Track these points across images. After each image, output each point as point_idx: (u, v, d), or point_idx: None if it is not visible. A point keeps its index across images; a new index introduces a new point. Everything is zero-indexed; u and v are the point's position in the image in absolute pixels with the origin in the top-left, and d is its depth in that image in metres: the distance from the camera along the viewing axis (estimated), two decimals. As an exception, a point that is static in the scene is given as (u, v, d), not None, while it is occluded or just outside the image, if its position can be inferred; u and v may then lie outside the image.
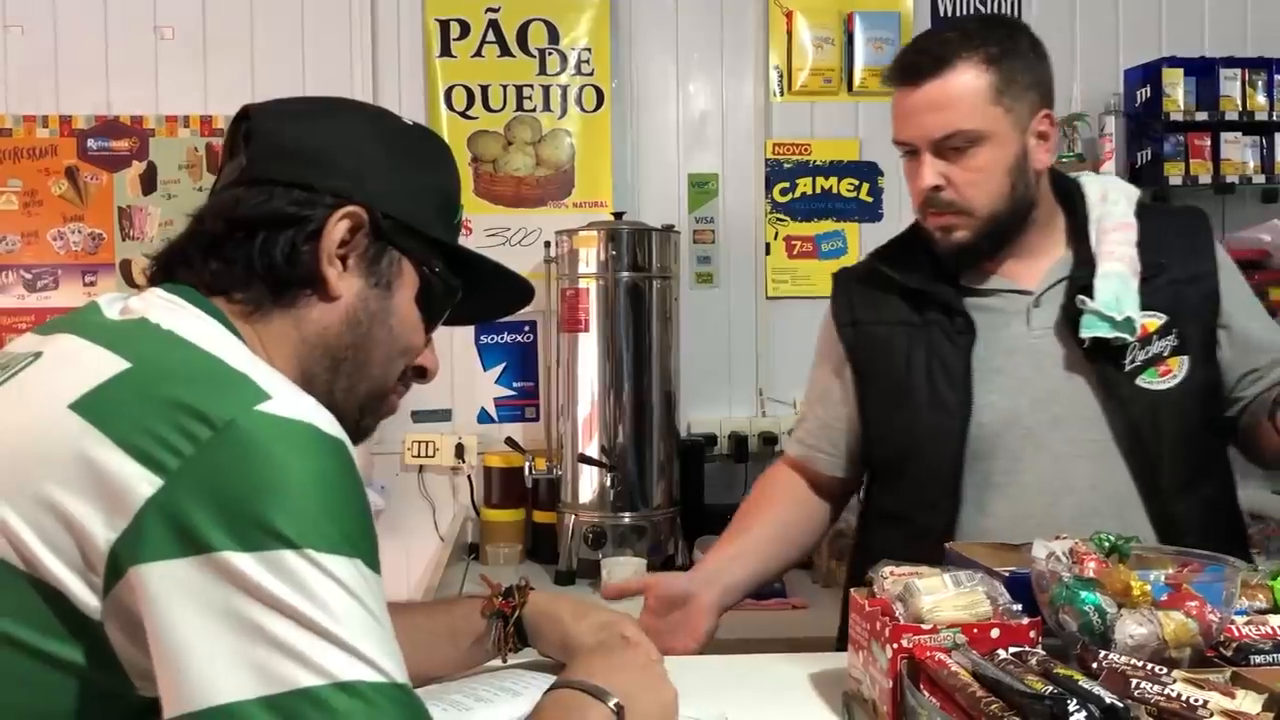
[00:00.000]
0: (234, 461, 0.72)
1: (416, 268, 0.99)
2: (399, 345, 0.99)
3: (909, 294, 1.58)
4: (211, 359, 0.81)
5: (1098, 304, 1.46)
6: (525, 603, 1.19)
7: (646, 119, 3.33)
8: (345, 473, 0.77)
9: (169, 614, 0.70)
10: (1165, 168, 3.14)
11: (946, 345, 1.53)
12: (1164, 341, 1.49)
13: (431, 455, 3.22)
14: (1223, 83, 3.16)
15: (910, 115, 1.48)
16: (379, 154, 0.97)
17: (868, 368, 1.62)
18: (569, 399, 2.86)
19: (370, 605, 0.74)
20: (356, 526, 0.76)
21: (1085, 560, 1.10)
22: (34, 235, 3.15)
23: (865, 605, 1.09)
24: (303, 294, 0.92)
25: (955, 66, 1.44)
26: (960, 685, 0.94)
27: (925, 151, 1.47)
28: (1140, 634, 1.01)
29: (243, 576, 0.70)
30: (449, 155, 1.07)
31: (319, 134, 0.97)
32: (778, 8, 3.30)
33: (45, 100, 3.15)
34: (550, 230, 3.09)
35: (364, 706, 0.70)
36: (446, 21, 3.22)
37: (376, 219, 0.94)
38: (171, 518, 0.70)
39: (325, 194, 0.93)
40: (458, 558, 2.98)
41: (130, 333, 0.85)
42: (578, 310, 2.83)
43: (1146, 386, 1.48)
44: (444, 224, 1.02)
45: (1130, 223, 1.54)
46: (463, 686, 1.14)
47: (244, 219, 0.92)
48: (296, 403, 0.78)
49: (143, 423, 0.73)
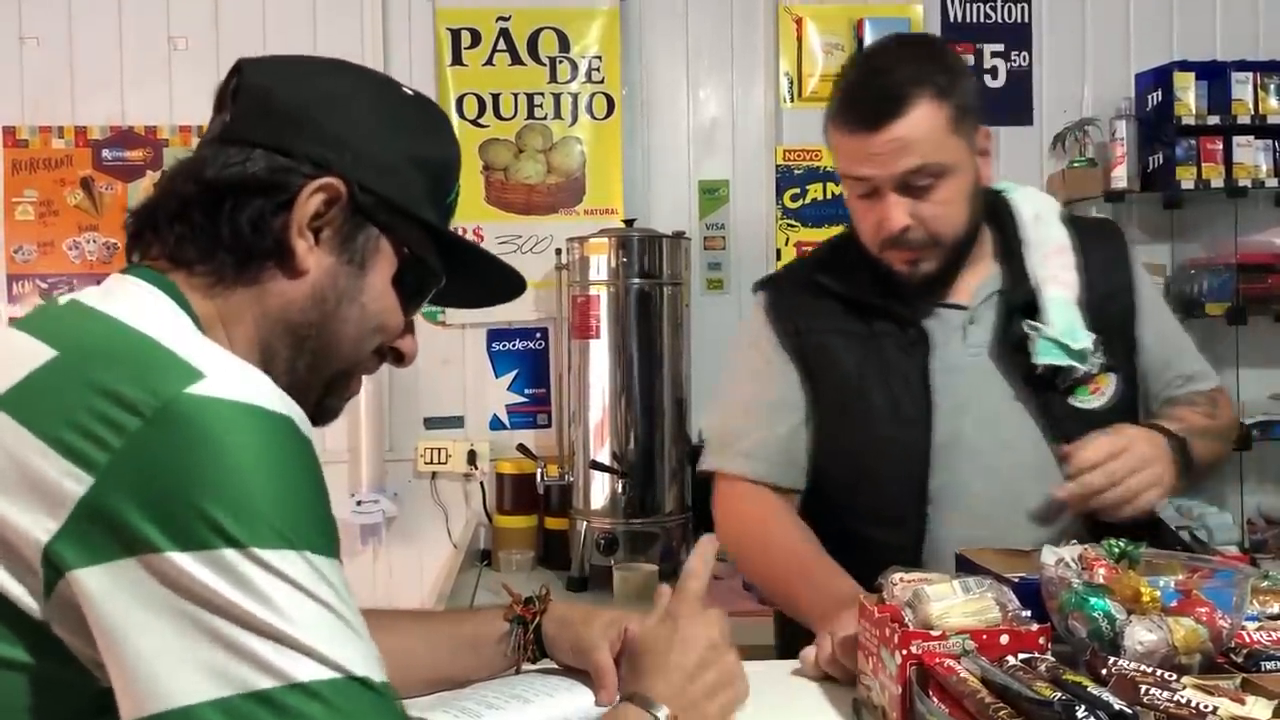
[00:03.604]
0: (166, 452, 0.68)
1: (396, 248, 0.93)
2: (371, 325, 0.93)
3: (850, 304, 1.54)
4: (142, 340, 0.75)
5: (1055, 332, 1.44)
6: (545, 610, 1.19)
7: (657, 126, 3.34)
8: (290, 455, 0.73)
9: (114, 618, 0.67)
10: (1177, 172, 3.13)
11: (902, 358, 1.50)
12: (1093, 360, 1.47)
13: (444, 462, 3.23)
14: (1234, 86, 3.16)
15: (870, 156, 1.41)
16: (369, 122, 0.91)
17: (818, 376, 1.56)
18: (580, 405, 2.87)
19: (324, 597, 0.70)
20: (304, 515, 0.72)
21: (1095, 566, 1.10)
22: (50, 245, 3.18)
23: (875, 611, 1.09)
24: (268, 267, 0.87)
25: (914, 105, 1.38)
26: (969, 691, 0.94)
27: (889, 191, 1.42)
28: (1150, 640, 1.01)
29: (185, 577, 0.67)
30: (447, 129, 0.99)
31: (307, 95, 0.90)
32: (788, 14, 3.30)
33: (61, 111, 3.18)
34: (561, 237, 3.10)
35: (321, 707, 0.68)
36: (458, 30, 3.24)
37: (355, 193, 0.88)
38: (105, 518, 0.67)
39: (304, 161, 0.87)
40: (470, 564, 2.99)
41: (61, 318, 0.80)
42: (589, 317, 2.83)
43: (1080, 406, 1.48)
44: (433, 203, 0.95)
45: (1067, 246, 1.53)
46: (475, 693, 1.15)
47: (213, 182, 0.86)
48: (234, 381, 0.73)
49: (68, 416, 0.69)
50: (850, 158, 1.44)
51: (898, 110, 1.38)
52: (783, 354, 1.57)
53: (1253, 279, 3.19)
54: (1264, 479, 3.43)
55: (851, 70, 1.49)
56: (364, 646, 0.72)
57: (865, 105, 1.41)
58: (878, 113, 1.39)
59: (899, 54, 1.45)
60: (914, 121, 1.38)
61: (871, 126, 1.40)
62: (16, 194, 3.17)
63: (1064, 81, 3.43)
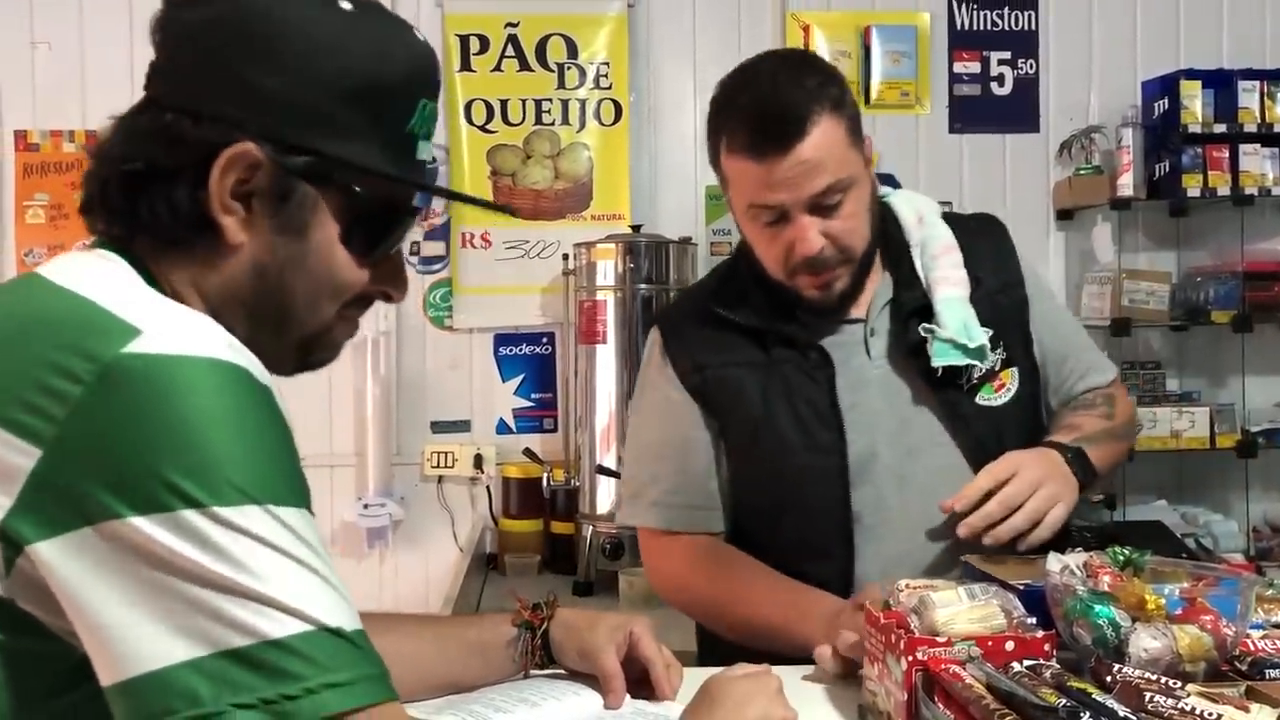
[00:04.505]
0: (111, 416, 0.67)
1: (338, 203, 0.83)
2: (324, 289, 0.85)
3: (748, 332, 1.48)
4: (80, 302, 0.72)
5: (950, 332, 1.42)
6: (553, 616, 1.20)
7: (664, 132, 3.35)
8: (245, 405, 0.70)
9: (79, 588, 0.66)
10: (1183, 179, 3.14)
11: (807, 383, 1.45)
12: (994, 355, 1.45)
13: (450, 466, 3.24)
14: (1241, 94, 3.16)
15: (779, 181, 1.35)
16: (290, 60, 0.80)
17: (722, 413, 1.50)
18: (587, 410, 2.88)
19: (290, 549, 0.69)
20: (264, 466, 0.70)
21: (1099, 574, 1.10)
22: (60, 248, 3.19)
23: (880, 618, 1.10)
24: (199, 244, 0.80)
25: (816, 122, 1.33)
26: (975, 698, 0.94)
27: (800, 214, 1.37)
28: (1155, 648, 1.01)
29: (148, 542, 0.66)
30: (397, 40, 0.85)
31: (224, 34, 0.79)
32: (795, 22, 3.31)
33: (71, 115, 3.20)
34: (568, 243, 3.11)
35: (297, 660, 0.67)
36: (466, 36, 3.25)
37: (277, 153, 0.79)
38: (57, 489, 0.66)
39: (215, 123, 0.78)
40: (476, 568, 2.99)
41: (10, 290, 0.79)
42: (596, 322, 2.84)
43: (986, 404, 1.45)
44: (382, 136, 0.84)
45: (953, 244, 1.49)
46: (482, 696, 1.15)
47: (120, 162, 0.80)
48: (175, 334, 0.70)
49: (13, 391, 0.68)
50: (757, 185, 1.37)
51: (802, 130, 1.33)
52: (684, 393, 1.51)
53: (1259, 287, 3.19)
54: (1269, 486, 3.43)
55: (737, 94, 1.41)
56: (334, 595, 0.71)
57: (768, 129, 1.34)
58: (783, 135, 1.33)
59: (784, 72, 1.39)
60: (818, 140, 1.34)
61: (778, 151, 1.33)
62: (28, 197, 3.19)
63: (1070, 89, 3.44)
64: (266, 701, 0.66)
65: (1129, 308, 3.17)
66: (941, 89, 3.42)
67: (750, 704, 1.02)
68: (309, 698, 0.67)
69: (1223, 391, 3.41)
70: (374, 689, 0.71)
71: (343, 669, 0.69)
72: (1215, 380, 3.43)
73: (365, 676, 0.71)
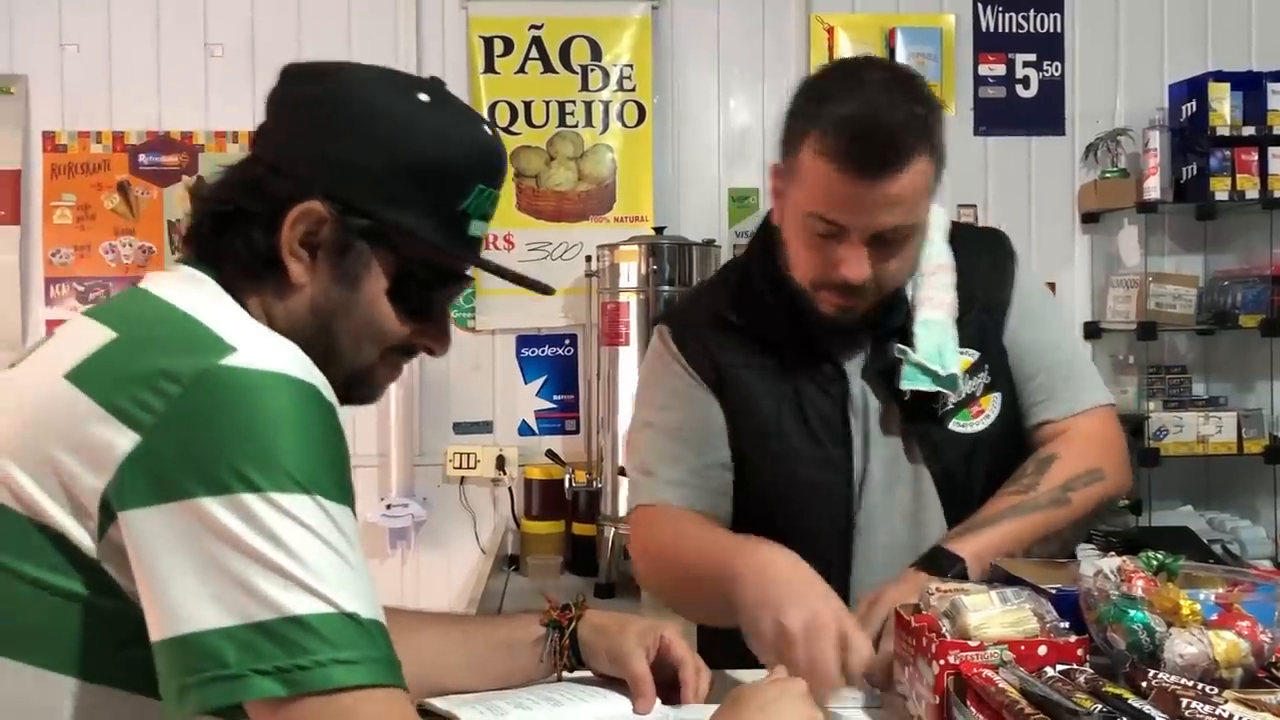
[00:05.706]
0: (200, 413, 0.79)
1: (388, 263, 0.95)
2: (366, 334, 0.97)
3: (758, 338, 1.46)
4: (188, 321, 0.86)
5: (920, 356, 1.38)
6: (581, 616, 1.20)
7: (688, 134, 3.35)
8: (311, 415, 0.82)
9: (149, 553, 0.78)
10: (1211, 183, 3.11)
11: (819, 395, 1.43)
12: (976, 380, 1.42)
13: (473, 467, 3.24)
14: (1270, 97, 3.14)
15: (857, 206, 1.30)
16: (365, 135, 0.93)
17: (737, 412, 1.47)
18: (609, 412, 2.88)
19: (329, 538, 0.79)
20: (320, 465, 0.81)
21: (1133, 578, 1.09)
22: (87, 248, 3.22)
23: (911, 621, 1.09)
24: (270, 279, 0.94)
25: (913, 161, 1.28)
26: (1008, 702, 0.93)
27: (859, 242, 1.32)
28: (1190, 653, 1.00)
29: (211, 519, 0.77)
30: (461, 131, 0.97)
31: (309, 106, 0.95)
32: (819, 23, 3.31)
33: (99, 116, 3.23)
34: (592, 244, 3.11)
35: (312, 637, 0.76)
36: (490, 38, 3.26)
37: (340, 214, 0.92)
38: (148, 469, 0.78)
39: (290, 181, 0.92)
40: (498, 569, 3.00)
41: (122, 305, 0.93)
42: (618, 324, 2.84)
43: (960, 430, 1.42)
44: (436, 212, 0.96)
45: (947, 263, 1.45)
46: (505, 693, 1.16)
47: (211, 200, 0.95)
48: (263, 352, 0.83)
49: (123, 386, 0.81)
50: (832, 198, 1.31)
51: (901, 163, 1.27)
52: (703, 387, 1.47)
53: (1287, 291, 3.16)
54: (1294, 493, 3.40)
55: (844, 94, 1.32)
56: (359, 585, 0.80)
57: (869, 151, 1.27)
58: (883, 162, 1.27)
59: (897, 90, 1.32)
60: (911, 179, 1.29)
61: (872, 175, 1.27)
62: (55, 198, 3.21)
63: (1097, 92, 3.41)
64: (281, 670, 0.76)
65: (1155, 311, 3.14)
66: (966, 91, 3.41)
67: (778, 706, 1.01)
68: (319, 669, 0.76)
69: (1250, 396, 3.38)
70: (378, 671, 0.79)
71: (352, 649, 0.78)
72: (1243, 385, 3.40)
73: (372, 659, 0.79)
